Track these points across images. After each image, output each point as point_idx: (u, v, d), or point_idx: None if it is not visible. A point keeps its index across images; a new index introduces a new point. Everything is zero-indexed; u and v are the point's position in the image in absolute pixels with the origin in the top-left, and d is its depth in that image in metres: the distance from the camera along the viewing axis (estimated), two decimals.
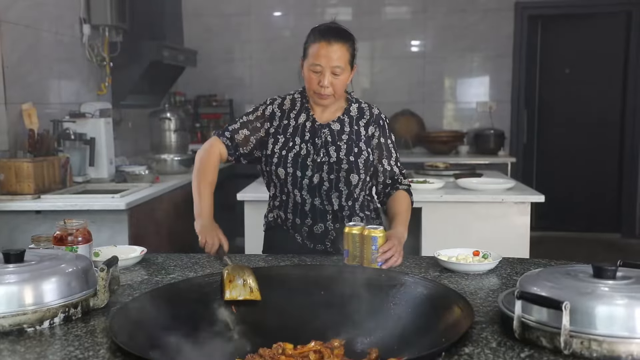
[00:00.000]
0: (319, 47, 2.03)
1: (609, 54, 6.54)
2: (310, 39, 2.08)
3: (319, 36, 2.05)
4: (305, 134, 2.15)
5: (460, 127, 6.57)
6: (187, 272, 1.84)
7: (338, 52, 2.03)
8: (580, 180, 6.69)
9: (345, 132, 2.16)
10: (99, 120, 4.04)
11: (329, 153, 2.13)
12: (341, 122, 2.17)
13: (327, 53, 2.02)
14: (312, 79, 2.06)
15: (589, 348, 1.12)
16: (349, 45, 2.07)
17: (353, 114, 2.20)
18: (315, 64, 2.04)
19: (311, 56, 2.05)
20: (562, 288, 1.21)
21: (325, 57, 2.02)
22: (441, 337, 1.25)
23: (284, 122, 2.18)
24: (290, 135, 2.16)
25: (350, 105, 2.21)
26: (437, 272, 1.82)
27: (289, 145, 2.14)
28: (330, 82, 2.04)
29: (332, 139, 2.14)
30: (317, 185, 2.13)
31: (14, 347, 1.24)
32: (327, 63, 2.02)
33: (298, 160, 2.13)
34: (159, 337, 1.30)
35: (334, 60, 2.02)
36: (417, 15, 6.51)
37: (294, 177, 2.13)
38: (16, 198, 3.27)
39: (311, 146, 2.14)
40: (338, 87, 2.08)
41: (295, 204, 2.17)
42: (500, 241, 3.34)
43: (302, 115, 2.18)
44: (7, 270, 1.39)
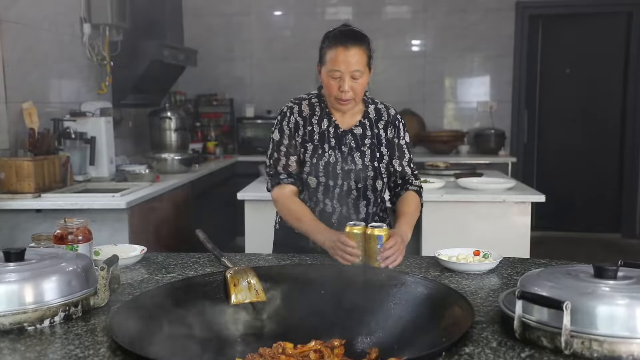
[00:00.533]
0: (336, 52, 2.01)
1: (610, 54, 6.53)
2: (327, 45, 2.05)
3: (336, 41, 2.02)
4: (331, 140, 2.13)
5: (460, 127, 6.57)
6: (188, 271, 1.84)
7: (356, 56, 2.01)
8: (580, 180, 6.68)
9: (367, 137, 2.15)
10: (100, 119, 4.04)
11: (355, 160, 2.12)
12: (363, 126, 2.16)
13: (345, 58, 2.00)
14: (331, 85, 2.04)
15: (589, 348, 1.12)
16: (366, 48, 2.06)
17: (372, 116, 2.19)
18: (334, 70, 2.01)
19: (329, 62, 2.02)
20: (563, 288, 1.21)
21: (344, 63, 2.00)
22: (441, 337, 1.25)
23: (309, 129, 2.15)
24: (318, 142, 2.13)
25: (368, 107, 2.20)
26: (437, 271, 1.82)
27: (319, 153, 2.12)
28: (350, 86, 2.02)
29: (356, 145, 2.13)
30: (346, 193, 2.12)
31: (15, 345, 1.24)
32: (347, 68, 2.00)
33: (329, 168, 2.11)
34: (159, 336, 1.30)
35: (352, 64, 2.00)
36: (417, 15, 6.51)
37: (326, 186, 2.12)
38: (17, 197, 3.27)
39: (339, 153, 2.12)
40: (358, 91, 2.06)
41: (322, 212, 2.14)
42: (501, 241, 3.35)
43: (325, 121, 2.15)
44: (7, 269, 1.39)
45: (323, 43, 2.07)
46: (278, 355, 1.30)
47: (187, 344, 1.34)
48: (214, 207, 4.87)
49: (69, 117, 3.96)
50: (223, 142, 6.21)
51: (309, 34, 6.17)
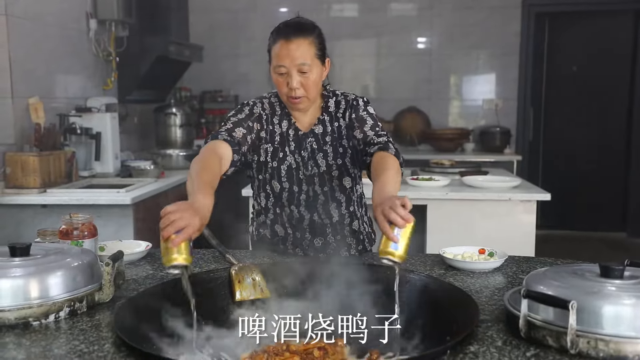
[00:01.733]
0: (279, 46, 1.86)
1: (617, 52, 6.50)
2: (271, 40, 1.92)
3: (278, 35, 1.89)
4: (291, 143, 2.00)
5: (466, 125, 6.55)
6: (192, 268, 1.84)
7: (300, 49, 1.85)
8: (586, 179, 6.66)
9: (328, 133, 2.00)
10: (105, 115, 4.05)
11: (318, 162, 1.99)
12: (322, 123, 2.01)
13: (288, 52, 1.84)
14: (280, 83, 1.89)
15: (595, 348, 1.12)
16: (313, 39, 1.88)
17: (332, 110, 2.02)
18: (279, 66, 1.87)
19: (274, 58, 1.88)
20: (568, 287, 1.20)
21: (287, 57, 1.85)
22: (446, 335, 1.25)
23: (270, 128, 2.01)
24: (278, 144, 1.99)
25: (328, 101, 2.03)
26: (442, 269, 1.82)
27: (280, 157, 1.99)
28: (299, 82, 1.86)
29: (317, 146, 1.99)
30: (313, 199, 2.00)
31: (20, 340, 1.25)
32: (291, 62, 1.85)
33: (292, 173, 1.99)
34: (164, 332, 1.30)
35: (297, 57, 1.84)
36: (423, 12, 6.49)
37: (291, 192, 2.00)
38: (22, 192, 3.28)
39: (299, 158, 1.99)
40: (310, 87, 1.89)
41: (291, 218, 2.03)
42: (506, 239, 3.33)
43: (284, 122, 2.01)
44: (13, 264, 1.40)
45: (269, 39, 1.93)
46: (282, 352, 1.30)
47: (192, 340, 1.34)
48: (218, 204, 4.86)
49: (75, 112, 3.97)
50: None
51: None
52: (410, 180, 3.65)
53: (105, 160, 4.00)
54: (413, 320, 1.41)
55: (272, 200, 2.04)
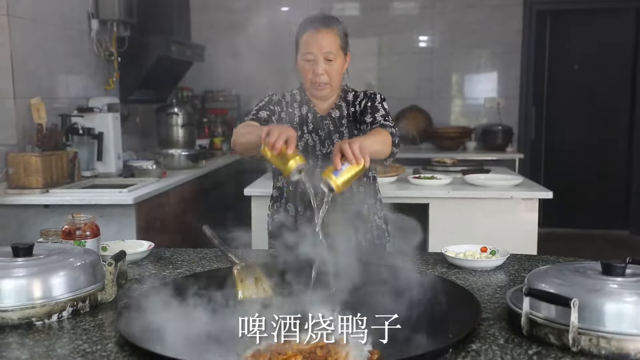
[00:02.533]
0: (308, 36, 2.06)
1: (618, 50, 6.50)
2: (300, 31, 2.11)
3: (307, 25, 2.08)
4: (309, 124, 2.17)
5: (467, 123, 6.54)
6: (195, 267, 1.85)
7: (328, 39, 2.05)
8: (588, 177, 6.66)
9: (344, 117, 2.18)
10: (107, 115, 4.06)
11: (334, 142, 2.14)
12: (339, 108, 2.19)
13: (316, 40, 2.05)
14: (306, 69, 2.09)
15: (597, 345, 1.12)
16: (338, 30, 2.09)
17: (350, 99, 2.21)
18: (307, 53, 2.06)
19: (302, 46, 2.08)
20: (570, 285, 1.20)
21: (315, 45, 2.05)
22: (448, 334, 1.25)
23: (289, 111, 2.19)
24: (297, 124, 2.16)
25: (347, 93, 2.23)
26: (444, 268, 1.82)
27: (297, 135, 2.11)
28: (324, 69, 2.06)
29: (334, 128, 2.17)
30: None
31: (23, 340, 1.25)
32: (319, 50, 2.05)
33: (308, 150, 2.14)
34: (167, 331, 1.31)
35: (324, 46, 2.05)
36: (425, 11, 6.49)
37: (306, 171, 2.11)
38: (25, 192, 3.28)
39: (316, 137, 2.16)
40: (333, 75, 2.09)
41: (303, 195, 2.14)
42: (508, 237, 3.32)
43: (304, 107, 2.20)
44: (15, 264, 1.40)
45: (297, 31, 2.13)
46: (285, 350, 1.30)
47: (194, 339, 1.35)
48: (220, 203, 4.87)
49: (77, 112, 3.97)
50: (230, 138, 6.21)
51: None
52: (412, 179, 3.65)
53: (108, 160, 4.00)
54: (415, 318, 1.41)
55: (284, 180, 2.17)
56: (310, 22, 2.09)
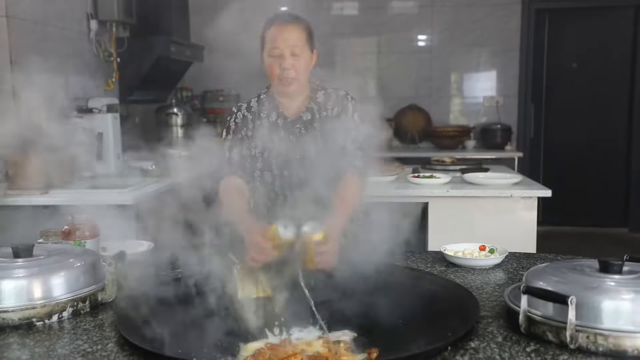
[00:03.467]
0: (274, 30, 2.04)
1: (617, 49, 6.50)
2: (266, 27, 2.09)
3: (273, 21, 2.07)
4: (280, 131, 2.10)
5: (467, 122, 6.55)
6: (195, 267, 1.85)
7: (294, 33, 2.03)
8: (587, 175, 6.66)
9: (316, 120, 2.10)
10: (107, 115, 4.06)
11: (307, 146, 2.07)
12: (311, 111, 2.12)
13: (282, 35, 2.03)
14: (273, 65, 2.04)
15: (594, 342, 1.12)
16: (304, 26, 2.07)
17: (320, 100, 2.13)
18: (274, 47, 2.03)
19: (268, 41, 2.05)
20: (568, 283, 1.21)
21: (281, 39, 2.02)
22: (447, 332, 1.26)
23: (257, 123, 2.12)
24: (266, 136, 2.10)
25: (317, 93, 2.15)
26: (443, 266, 1.82)
27: (269, 147, 2.09)
28: (291, 64, 2.02)
29: (306, 131, 2.10)
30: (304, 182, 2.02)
31: (23, 340, 1.26)
32: (285, 44, 2.01)
33: (281, 160, 2.08)
34: (166, 331, 1.31)
35: (290, 40, 2.02)
36: (424, 10, 6.49)
37: (283, 176, 2.08)
38: (24, 193, 3.28)
39: (288, 142, 2.09)
40: (300, 70, 2.03)
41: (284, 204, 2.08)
42: (507, 236, 3.33)
43: (273, 114, 2.13)
44: (16, 264, 1.41)
45: (263, 28, 2.11)
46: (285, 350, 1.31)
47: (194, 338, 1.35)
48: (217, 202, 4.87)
49: (77, 113, 3.97)
50: None
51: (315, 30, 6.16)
52: (411, 178, 3.65)
53: (107, 161, 4.00)
54: (414, 316, 1.42)
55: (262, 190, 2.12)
56: (276, 18, 2.08)
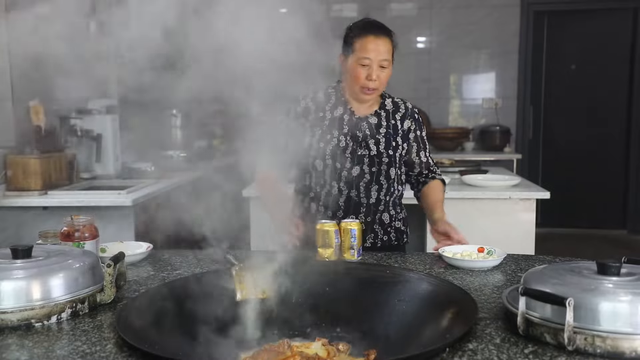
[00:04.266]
0: (367, 40, 2.07)
1: (616, 50, 6.51)
2: (356, 33, 2.11)
3: (366, 30, 2.10)
4: (344, 126, 2.17)
5: (465, 124, 6.56)
6: (193, 268, 1.86)
7: (386, 46, 2.08)
8: (586, 177, 6.67)
9: (382, 126, 2.20)
10: (106, 116, 4.06)
11: (369, 146, 2.17)
12: (378, 116, 2.21)
13: (375, 46, 2.06)
14: (360, 74, 2.09)
15: (592, 344, 1.13)
16: (391, 40, 2.12)
17: (389, 108, 2.24)
18: (364, 57, 2.07)
19: (359, 50, 2.08)
20: (566, 284, 1.21)
21: (374, 51, 2.06)
22: (445, 333, 1.26)
23: (320, 115, 2.19)
24: (327, 127, 2.17)
25: (384, 100, 2.25)
26: (441, 268, 1.83)
27: (327, 138, 2.16)
28: (377, 76, 2.08)
29: (370, 132, 2.18)
30: (357, 177, 2.15)
31: (22, 341, 1.26)
32: (376, 56, 2.06)
33: (337, 152, 2.15)
34: (166, 332, 1.31)
35: (382, 53, 2.07)
36: (422, 12, 6.50)
37: (333, 168, 2.15)
38: (23, 194, 3.29)
39: (350, 139, 2.16)
40: (384, 81, 2.12)
41: (328, 195, 2.17)
42: (506, 238, 3.34)
43: (339, 109, 2.20)
44: (15, 265, 1.41)
45: (350, 32, 2.13)
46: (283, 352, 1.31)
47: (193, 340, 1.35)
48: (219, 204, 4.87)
49: (75, 114, 3.98)
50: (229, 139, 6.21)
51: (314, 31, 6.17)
52: None
53: (106, 162, 4.00)
54: (412, 317, 1.42)
55: (314, 179, 2.19)
56: (370, 27, 2.11)
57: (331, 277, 1.60)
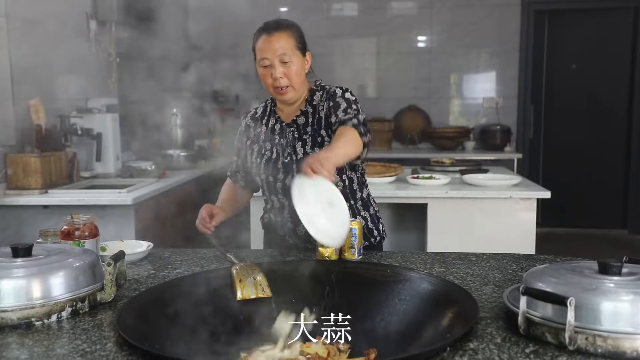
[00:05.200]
0: (261, 41, 2.04)
1: (616, 50, 6.51)
2: (255, 39, 2.08)
3: (260, 31, 2.06)
4: (275, 137, 2.13)
5: (466, 123, 6.56)
6: (193, 267, 1.85)
7: (280, 41, 2.01)
8: (587, 176, 6.67)
9: (309, 124, 2.10)
10: (106, 115, 4.06)
11: (296, 151, 2.07)
12: (305, 114, 2.12)
13: (269, 45, 2.01)
14: (265, 75, 2.05)
15: (593, 344, 1.12)
16: (291, 32, 2.05)
17: (316, 102, 2.12)
18: (263, 58, 2.03)
19: (258, 52, 2.05)
20: (567, 284, 1.21)
21: (269, 49, 2.01)
22: (446, 333, 1.26)
23: (257, 131, 2.18)
24: (262, 141, 2.15)
25: (314, 94, 2.13)
26: (442, 267, 1.82)
27: (262, 152, 2.14)
28: (282, 72, 2.01)
29: (298, 135, 2.09)
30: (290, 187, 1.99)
31: (22, 340, 1.26)
32: (273, 54, 2.01)
33: (269, 164, 2.11)
34: (165, 331, 1.31)
35: (278, 49, 2.00)
36: (423, 11, 6.50)
37: (268, 182, 2.13)
38: (24, 193, 3.29)
39: (279, 148, 2.11)
40: (292, 76, 2.03)
41: (272, 209, 2.17)
42: (506, 237, 3.34)
43: (271, 119, 2.18)
44: (15, 264, 1.41)
45: (253, 41, 2.09)
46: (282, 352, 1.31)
47: (193, 339, 1.35)
48: None
49: (76, 113, 3.97)
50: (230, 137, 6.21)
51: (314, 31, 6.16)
52: (411, 179, 3.66)
53: (106, 161, 4.01)
54: (413, 317, 1.42)
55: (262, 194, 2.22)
56: (263, 28, 2.07)
57: (330, 276, 1.59)
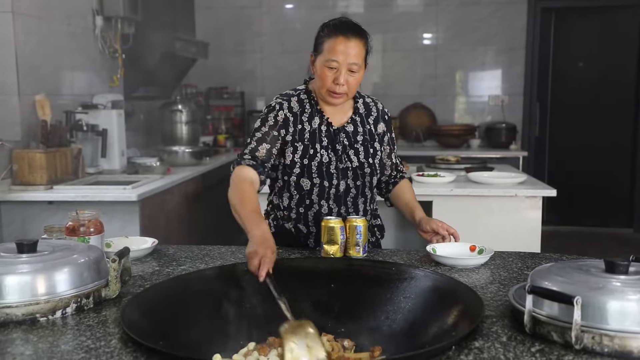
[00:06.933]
0: (336, 42, 1.92)
1: (623, 47, 6.47)
2: (325, 33, 1.97)
3: (336, 30, 1.94)
4: (323, 139, 2.05)
5: (471, 121, 6.54)
6: (198, 264, 1.85)
7: (356, 49, 1.93)
8: (592, 175, 6.64)
9: (359, 133, 2.09)
10: (111, 111, 4.06)
11: (350, 158, 2.06)
12: (354, 122, 2.10)
13: (345, 49, 1.92)
14: (326, 76, 1.95)
15: (600, 343, 1.12)
16: (365, 42, 1.98)
17: (362, 112, 2.13)
18: (332, 60, 1.93)
19: (327, 52, 1.94)
20: (573, 283, 1.20)
21: (343, 54, 1.92)
22: (451, 331, 1.25)
23: (299, 127, 2.05)
24: (308, 141, 2.04)
25: (357, 101, 2.13)
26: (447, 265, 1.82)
27: (310, 153, 2.03)
28: (346, 80, 1.94)
29: (349, 143, 2.07)
30: (344, 193, 2.06)
31: (27, 336, 1.26)
32: (345, 59, 1.92)
33: (322, 168, 2.03)
34: (170, 327, 1.31)
35: (351, 56, 1.92)
36: (429, 8, 6.48)
37: (321, 187, 2.04)
38: (29, 188, 3.30)
39: (332, 153, 2.04)
40: (352, 86, 1.98)
41: (318, 214, 2.06)
42: (512, 235, 3.33)
43: (316, 119, 2.06)
44: (20, 260, 1.41)
45: (321, 32, 1.99)
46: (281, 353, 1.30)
47: (198, 335, 1.35)
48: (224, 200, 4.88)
49: (81, 109, 3.98)
50: (234, 135, 6.23)
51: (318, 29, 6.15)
52: (416, 177, 3.65)
53: (112, 157, 4.01)
54: (418, 315, 1.41)
55: (296, 199, 2.09)
56: (340, 28, 1.95)
57: (336, 273, 1.59)
